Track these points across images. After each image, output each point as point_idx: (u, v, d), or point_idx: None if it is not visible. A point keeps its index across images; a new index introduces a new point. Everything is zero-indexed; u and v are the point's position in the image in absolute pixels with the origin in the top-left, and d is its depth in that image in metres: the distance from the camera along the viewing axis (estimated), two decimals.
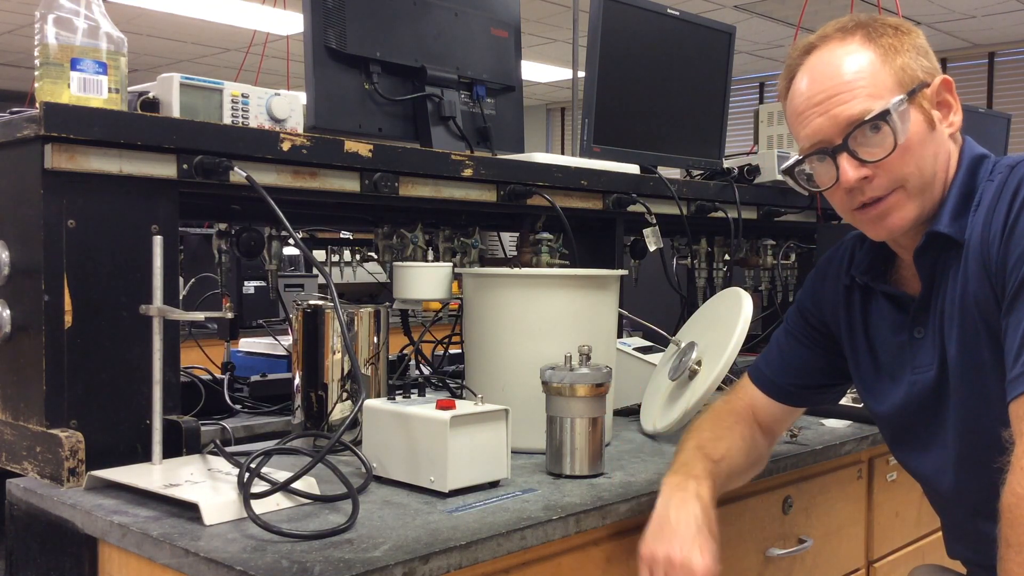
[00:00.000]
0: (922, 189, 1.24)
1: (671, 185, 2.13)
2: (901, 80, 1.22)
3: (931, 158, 1.23)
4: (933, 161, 1.23)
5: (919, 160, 1.22)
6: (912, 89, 1.21)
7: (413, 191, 1.68)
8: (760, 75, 8.96)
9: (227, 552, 1.05)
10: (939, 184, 1.25)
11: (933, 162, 1.23)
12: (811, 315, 1.46)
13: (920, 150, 1.22)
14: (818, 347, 1.46)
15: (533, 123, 10.42)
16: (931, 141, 1.23)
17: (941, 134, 1.24)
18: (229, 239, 1.79)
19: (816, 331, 1.46)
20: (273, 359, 2.32)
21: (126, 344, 1.35)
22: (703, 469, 1.32)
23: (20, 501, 1.30)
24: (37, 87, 1.31)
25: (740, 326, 1.62)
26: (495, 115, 2.00)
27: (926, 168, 1.23)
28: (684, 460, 1.36)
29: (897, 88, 1.21)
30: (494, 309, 1.57)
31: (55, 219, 1.28)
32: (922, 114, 1.22)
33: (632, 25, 2.15)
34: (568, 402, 1.41)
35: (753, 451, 1.45)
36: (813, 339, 1.46)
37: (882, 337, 1.35)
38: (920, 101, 1.22)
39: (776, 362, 1.49)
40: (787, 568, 1.65)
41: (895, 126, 1.20)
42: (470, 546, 1.10)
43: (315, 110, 1.69)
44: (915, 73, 1.22)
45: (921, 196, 1.24)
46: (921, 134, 1.22)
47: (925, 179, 1.23)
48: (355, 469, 1.38)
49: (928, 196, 1.25)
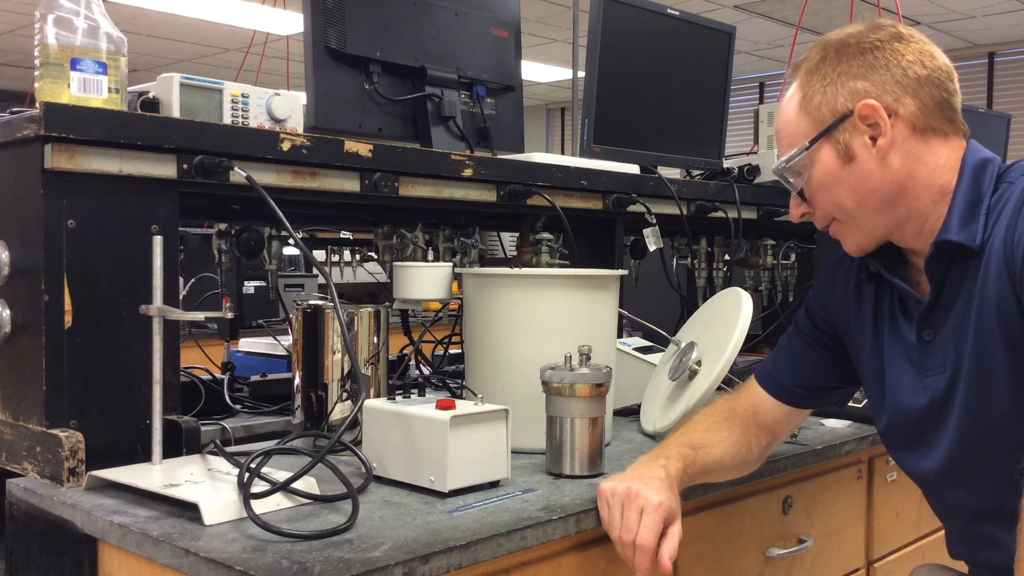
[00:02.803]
0: (852, 218, 1.28)
1: (671, 185, 2.13)
2: (815, 119, 1.27)
3: (851, 190, 1.26)
4: (854, 192, 1.26)
5: (835, 195, 1.27)
6: (826, 128, 1.25)
7: (413, 191, 1.68)
8: (760, 75, 8.96)
9: (227, 552, 1.05)
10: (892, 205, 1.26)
11: (854, 193, 1.26)
12: (819, 318, 1.46)
13: (834, 185, 1.27)
14: (825, 349, 1.46)
15: (533, 123, 10.42)
16: (849, 174, 1.25)
17: (866, 162, 1.24)
18: (229, 239, 1.79)
19: (823, 333, 1.46)
20: (273, 359, 2.31)
21: (126, 344, 1.35)
22: (676, 452, 1.36)
23: (20, 501, 1.30)
24: (37, 87, 1.31)
25: (740, 326, 1.62)
26: (495, 115, 2.00)
27: (847, 200, 1.27)
28: (663, 444, 1.41)
29: (811, 130, 1.27)
30: (494, 309, 1.57)
31: (55, 219, 1.28)
32: (835, 151, 1.25)
33: (632, 25, 2.15)
34: (568, 402, 1.41)
35: (742, 450, 1.44)
36: (820, 341, 1.46)
37: (890, 334, 1.35)
38: (837, 136, 1.25)
39: (782, 363, 1.49)
40: (787, 568, 1.65)
41: (788, 179, 1.31)
42: (470, 546, 1.10)
43: (315, 110, 1.69)
44: (834, 106, 1.25)
45: (857, 224, 1.29)
46: (832, 173, 1.26)
47: (850, 211, 1.28)
48: (355, 469, 1.38)
49: (870, 221, 1.27)
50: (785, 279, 2.65)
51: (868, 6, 5.77)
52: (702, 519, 1.48)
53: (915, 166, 1.25)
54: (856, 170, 1.25)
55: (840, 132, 1.25)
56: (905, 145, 1.24)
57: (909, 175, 1.25)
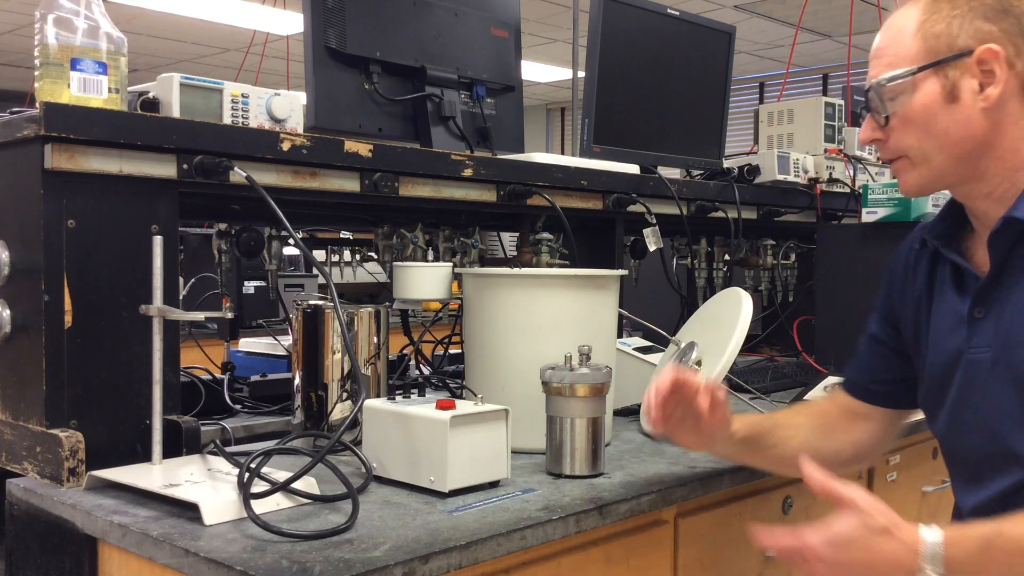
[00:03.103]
0: (926, 160, 1.23)
1: (671, 185, 2.13)
2: (931, 48, 1.20)
3: (941, 132, 1.21)
4: (944, 135, 1.21)
5: (921, 133, 1.22)
6: (939, 60, 1.19)
7: (413, 191, 1.68)
8: (760, 75, 8.96)
9: (227, 552, 1.05)
10: (972, 158, 1.21)
11: (944, 136, 1.21)
12: (886, 312, 1.44)
13: (924, 123, 1.21)
14: (893, 342, 1.43)
15: (533, 123, 10.42)
16: (945, 115, 1.20)
17: (968, 107, 1.20)
18: (229, 239, 1.79)
19: (890, 326, 1.43)
20: (273, 359, 2.31)
21: (126, 344, 1.35)
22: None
23: (20, 501, 1.30)
24: (37, 87, 1.31)
25: (740, 326, 1.62)
26: (495, 115, 2.00)
27: (930, 142, 1.22)
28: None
29: (922, 56, 1.20)
30: (494, 309, 1.57)
31: (55, 219, 1.28)
32: (941, 86, 1.20)
33: (632, 25, 2.15)
34: (568, 402, 1.41)
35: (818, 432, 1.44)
36: (888, 335, 1.44)
37: (939, 304, 1.32)
38: (947, 71, 1.19)
39: (855, 362, 1.48)
40: (787, 568, 1.65)
41: (882, 100, 1.24)
42: (470, 546, 1.10)
43: (315, 110, 1.69)
44: (954, 40, 1.19)
45: (927, 167, 1.24)
46: (930, 107, 1.20)
47: (927, 152, 1.22)
48: (355, 469, 1.38)
49: (942, 167, 1.23)
50: (785, 279, 2.65)
51: (868, 6, 5.77)
52: (702, 519, 1.48)
53: (1010, 127, 1.21)
54: (954, 112, 1.20)
55: (951, 68, 1.19)
56: (1011, 102, 1.19)
57: (1002, 133, 1.21)
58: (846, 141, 2.62)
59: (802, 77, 8.77)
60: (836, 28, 7.22)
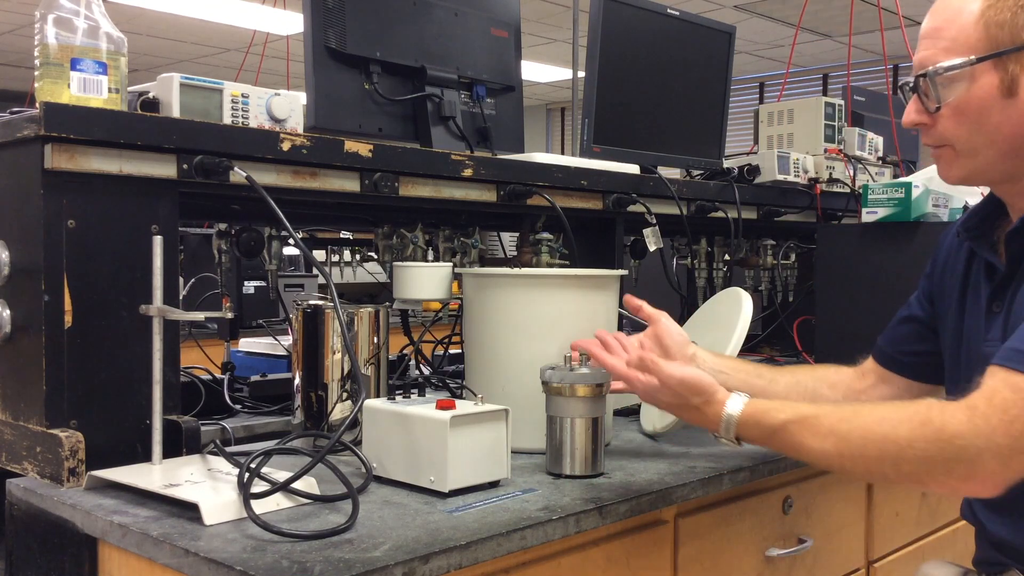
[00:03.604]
0: (973, 153, 1.21)
1: (671, 185, 2.13)
2: (993, 37, 1.16)
3: (993, 128, 1.18)
4: (995, 131, 1.18)
5: (972, 126, 1.19)
6: (1001, 51, 1.15)
7: (413, 191, 1.68)
8: (760, 75, 8.96)
9: (227, 552, 1.05)
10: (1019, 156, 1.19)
11: (995, 132, 1.18)
12: (926, 292, 1.45)
13: (978, 116, 1.18)
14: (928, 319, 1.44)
15: (533, 123, 10.42)
16: (1000, 109, 1.17)
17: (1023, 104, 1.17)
18: (229, 239, 1.79)
19: (929, 304, 1.44)
20: (273, 359, 2.31)
21: (126, 344, 1.35)
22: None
23: (20, 501, 1.30)
24: (37, 87, 1.31)
25: (740, 326, 1.62)
26: (495, 115, 2.00)
27: (980, 136, 1.19)
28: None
29: (982, 46, 1.16)
30: (494, 309, 1.57)
31: (55, 219, 1.28)
32: (999, 79, 1.16)
33: (632, 25, 2.15)
34: (568, 402, 1.41)
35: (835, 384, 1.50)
36: (925, 312, 1.44)
37: (977, 296, 1.32)
38: (1008, 64, 1.15)
39: (887, 332, 1.50)
40: (787, 568, 1.65)
41: (935, 87, 1.19)
42: (470, 546, 1.10)
43: (315, 110, 1.69)
44: (1019, 32, 1.15)
45: (973, 159, 1.21)
46: (985, 100, 1.17)
47: (975, 145, 1.20)
48: (355, 469, 1.38)
49: (988, 162, 1.21)
50: (785, 279, 2.65)
51: (868, 6, 5.77)
52: (702, 519, 1.48)
53: None
54: (1009, 108, 1.17)
55: (1011, 61, 1.15)
56: None
57: None
58: (846, 141, 2.62)
59: (802, 77, 8.77)
60: (836, 28, 7.22)
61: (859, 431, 1.14)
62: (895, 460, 1.11)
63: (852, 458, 1.14)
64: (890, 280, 2.05)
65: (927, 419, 1.10)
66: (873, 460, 1.13)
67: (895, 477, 1.14)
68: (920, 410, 1.11)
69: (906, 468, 1.10)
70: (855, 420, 1.15)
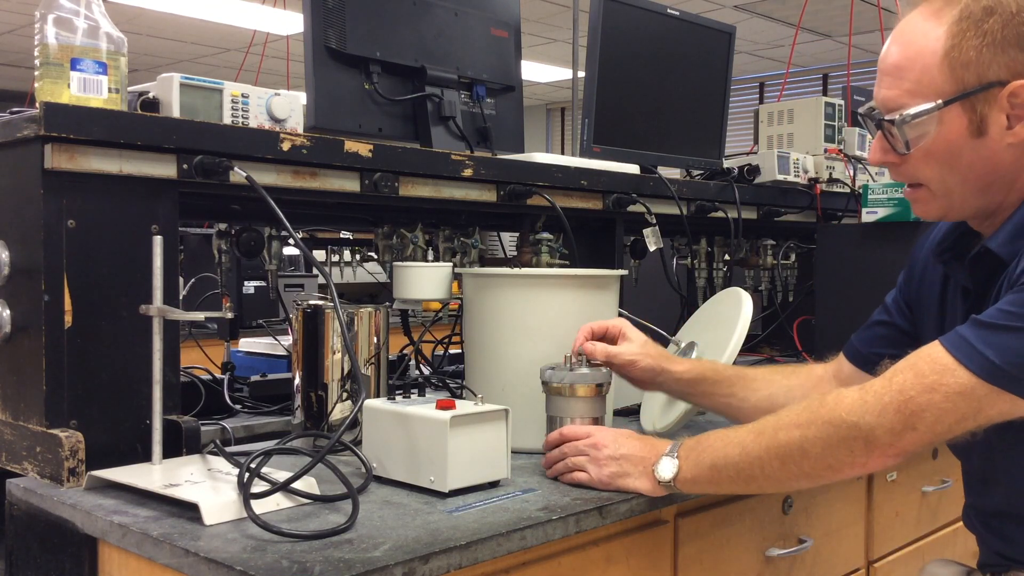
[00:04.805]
0: (947, 193, 1.19)
1: (671, 185, 2.13)
2: (959, 78, 1.12)
3: (966, 167, 1.16)
4: (968, 170, 1.16)
5: (944, 167, 1.17)
6: (968, 92, 1.12)
7: (413, 191, 1.68)
8: (760, 75, 8.97)
9: (227, 552, 1.05)
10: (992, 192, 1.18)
11: (968, 171, 1.16)
12: (901, 300, 1.45)
13: (948, 157, 1.16)
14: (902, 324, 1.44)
15: (533, 123, 10.42)
16: (971, 149, 1.15)
17: (995, 142, 1.14)
18: (229, 239, 1.79)
19: (907, 308, 1.44)
20: (273, 359, 2.31)
21: (126, 344, 1.35)
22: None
23: (20, 501, 1.30)
24: (37, 87, 1.31)
25: (740, 326, 1.62)
26: (495, 115, 2.00)
27: (953, 176, 1.17)
28: None
29: (949, 88, 1.13)
30: (494, 309, 1.57)
31: (55, 219, 1.28)
32: (967, 119, 1.13)
33: (632, 25, 2.15)
34: (568, 402, 1.41)
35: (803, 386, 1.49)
36: (901, 317, 1.44)
37: (953, 311, 1.32)
38: (976, 104, 1.13)
39: (861, 332, 1.50)
40: (787, 568, 1.65)
41: (902, 135, 1.17)
42: (470, 546, 1.10)
43: (315, 110, 1.69)
44: (984, 71, 1.11)
45: (948, 199, 1.20)
46: (955, 142, 1.15)
47: (949, 185, 1.18)
48: (355, 469, 1.38)
49: (963, 199, 1.19)
50: (785, 279, 2.65)
51: (868, 6, 5.77)
52: (702, 519, 1.48)
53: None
54: (980, 147, 1.14)
55: (979, 102, 1.12)
56: None
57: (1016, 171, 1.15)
58: (846, 141, 2.62)
59: (802, 77, 8.78)
60: (836, 28, 7.22)
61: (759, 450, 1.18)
62: (799, 459, 1.14)
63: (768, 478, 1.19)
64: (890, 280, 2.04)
65: (823, 402, 1.14)
66: (778, 470, 1.17)
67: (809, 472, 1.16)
68: (815, 397, 1.16)
69: (811, 462, 1.14)
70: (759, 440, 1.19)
